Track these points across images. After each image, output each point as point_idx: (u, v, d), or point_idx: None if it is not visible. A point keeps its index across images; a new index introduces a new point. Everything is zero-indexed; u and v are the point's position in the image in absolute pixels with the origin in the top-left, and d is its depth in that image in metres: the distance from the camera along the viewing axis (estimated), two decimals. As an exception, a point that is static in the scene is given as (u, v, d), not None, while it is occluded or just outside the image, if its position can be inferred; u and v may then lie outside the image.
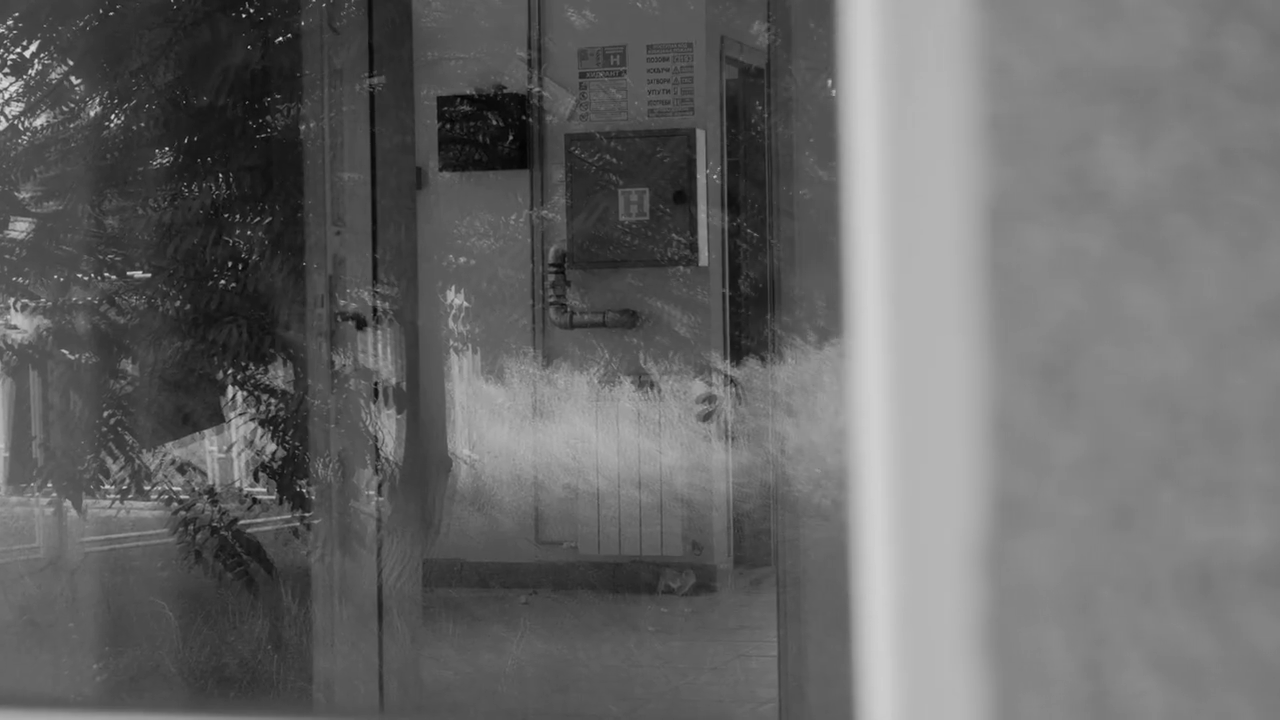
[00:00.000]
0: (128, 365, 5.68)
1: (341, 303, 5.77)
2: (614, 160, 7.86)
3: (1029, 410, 1.16)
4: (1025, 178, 1.16)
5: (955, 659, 1.13)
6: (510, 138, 7.95)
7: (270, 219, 6.10)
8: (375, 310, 5.58)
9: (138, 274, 5.87)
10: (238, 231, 6.14)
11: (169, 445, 5.77)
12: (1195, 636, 1.13)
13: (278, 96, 6.27)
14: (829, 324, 5.05)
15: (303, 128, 6.00)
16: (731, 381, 7.85)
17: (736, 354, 7.99)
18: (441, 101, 7.89)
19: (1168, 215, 1.16)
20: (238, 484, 6.23)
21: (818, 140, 5.21)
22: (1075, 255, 1.16)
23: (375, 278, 5.59)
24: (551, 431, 7.85)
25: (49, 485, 5.75)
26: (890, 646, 1.14)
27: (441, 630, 6.70)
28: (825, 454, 5.54)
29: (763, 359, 8.07)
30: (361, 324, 5.52)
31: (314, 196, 5.50)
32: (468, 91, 7.95)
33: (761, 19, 8.11)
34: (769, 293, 8.35)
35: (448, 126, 7.90)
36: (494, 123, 7.94)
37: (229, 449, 6.16)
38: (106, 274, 5.76)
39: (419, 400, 5.91)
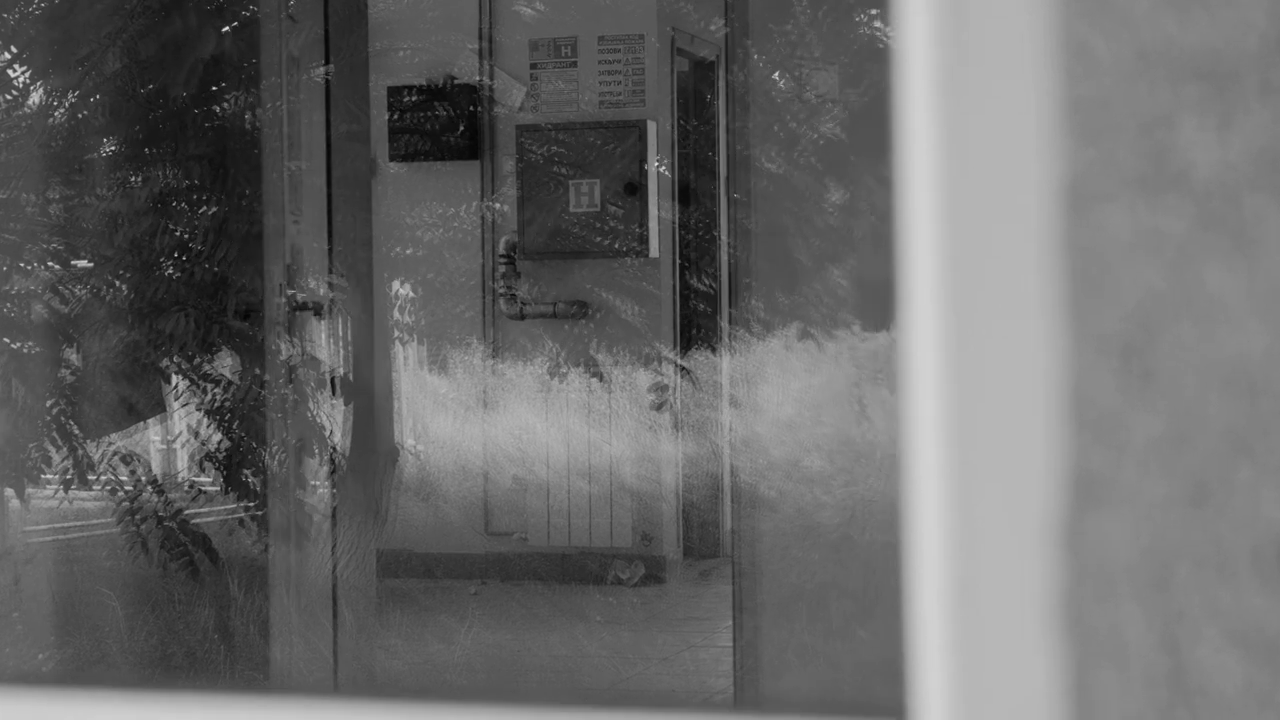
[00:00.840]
0: (71, 354, 5.66)
1: (292, 292, 5.76)
2: (565, 151, 7.86)
3: (1108, 389, 1.16)
4: (1105, 159, 1.16)
5: (1032, 636, 1.13)
6: (461, 128, 7.94)
7: (219, 208, 6.08)
8: (332, 300, 5.57)
9: (82, 263, 5.85)
10: (186, 220, 6.13)
11: (112, 435, 5.75)
12: (1272, 612, 1.14)
13: (225, 85, 6.26)
14: (783, 315, 5.06)
15: (257, 114, 6.00)
16: (683, 371, 7.86)
17: (687, 345, 8.00)
18: (391, 92, 7.88)
19: (1247, 196, 1.16)
20: (182, 475, 6.22)
21: (773, 132, 5.22)
22: (1155, 235, 1.17)
23: (330, 268, 5.58)
24: (501, 422, 7.85)
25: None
26: (956, 625, 1.13)
27: (390, 620, 6.70)
28: (773, 445, 5.55)
29: (714, 349, 8.09)
30: (320, 313, 5.51)
31: (271, 185, 5.49)
32: (418, 82, 7.93)
33: (714, 11, 8.12)
34: (723, 284, 8.37)
35: (397, 117, 7.89)
36: (444, 113, 7.93)
37: (175, 438, 6.14)
38: (50, 263, 5.73)
39: (367, 391, 5.91)
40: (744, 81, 5.16)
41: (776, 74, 5.46)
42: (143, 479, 5.74)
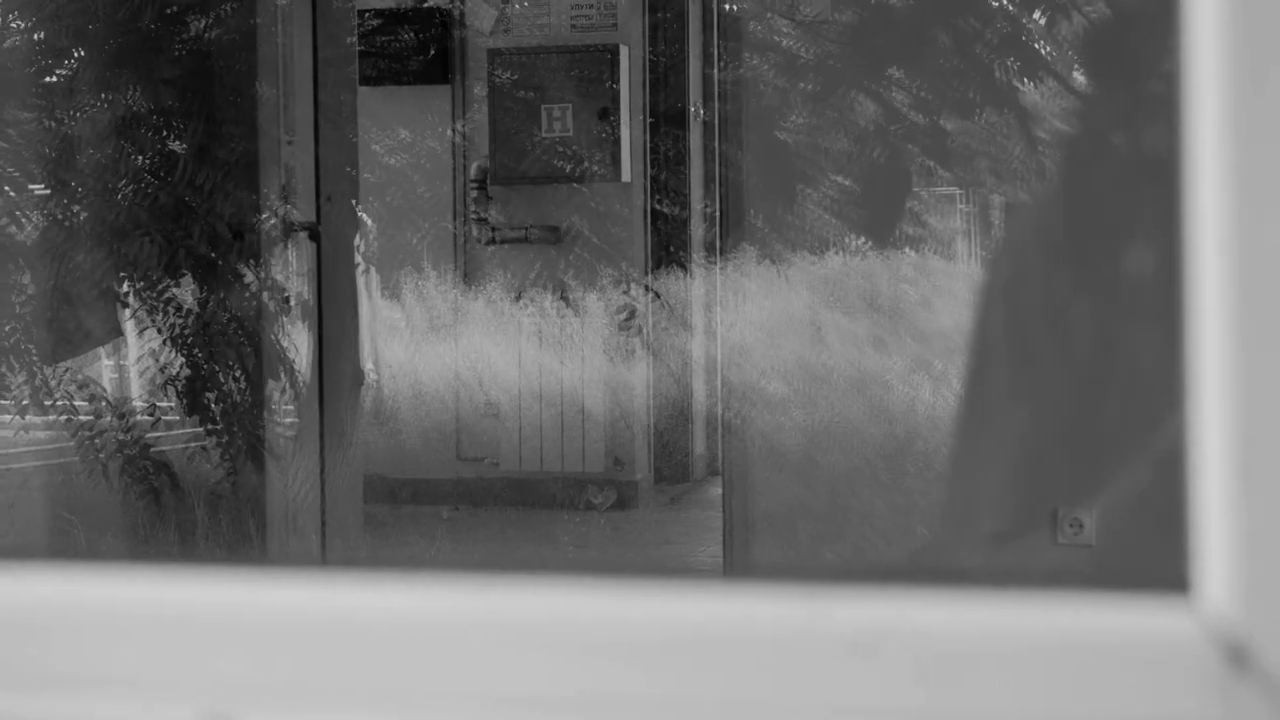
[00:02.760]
0: (26, 280, 5.63)
1: (288, 209, 5.72)
2: (537, 76, 7.82)
3: None
4: None
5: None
6: (431, 52, 7.89)
7: (195, 132, 6.04)
8: (319, 225, 5.54)
9: (40, 188, 5.81)
10: (155, 145, 6.09)
11: (68, 361, 5.73)
12: None
13: (200, 7, 6.21)
14: (764, 241, 5.05)
15: (234, 37, 5.96)
16: (654, 295, 7.84)
17: (658, 269, 7.99)
18: (360, 14, 7.83)
19: None
20: (138, 401, 6.19)
21: (759, 55, 5.19)
22: None
23: (318, 190, 5.55)
24: (472, 348, 7.84)
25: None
26: (1241, 492, 1.09)
27: (362, 546, 6.70)
28: (735, 370, 5.55)
29: (686, 272, 8.07)
30: (315, 235, 5.49)
31: (267, 105, 5.45)
32: (388, 5, 7.89)
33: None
34: (692, 209, 8.34)
35: (366, 40, 7.85)
36: (414, 37, 7.88)
37: (138, 362, 6.12)
38: (7, 189, 5.70)
39: (333, 315, 5.88)
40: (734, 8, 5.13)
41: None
42: (103, 405, 5.72)
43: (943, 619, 1.09)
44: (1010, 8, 4.96)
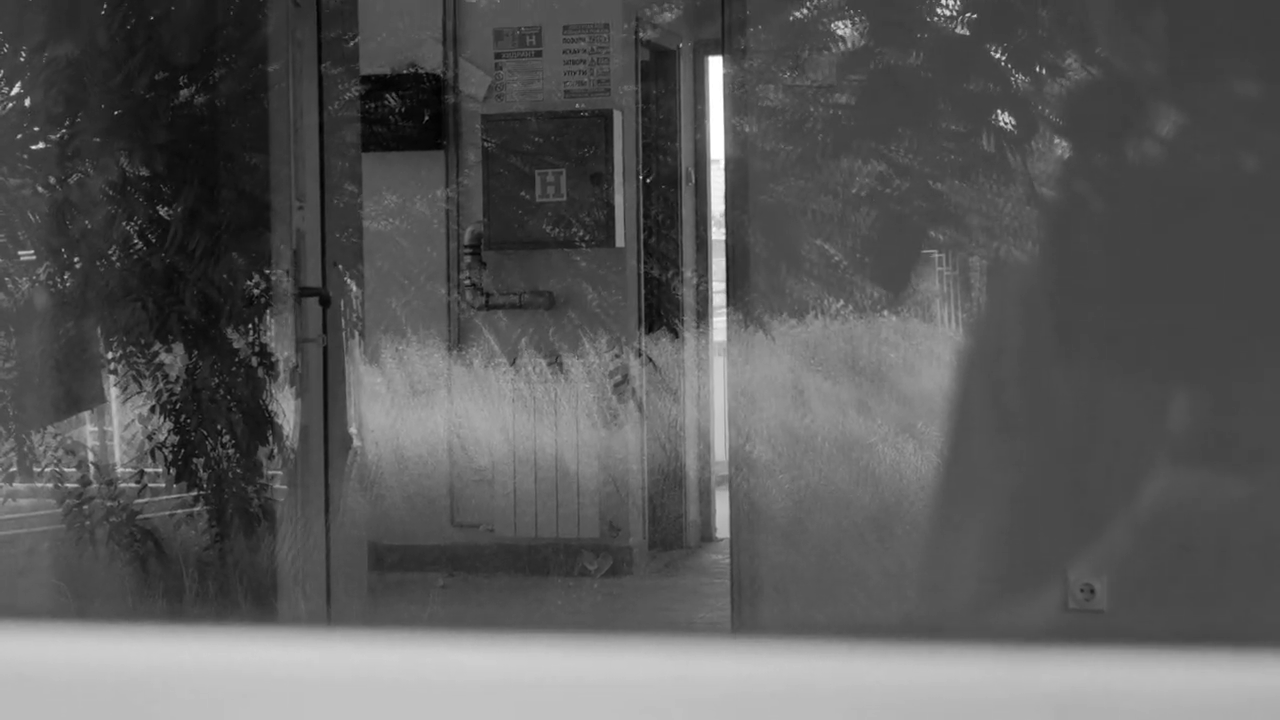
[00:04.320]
0: (14, 345, 5.63)
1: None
2: (530, 141, 7.83)
3: None
4: None
5: None
6: (425, 118, 7.91)
7: (187, 198, 6.05)
8: (325, 287, 5.54)
9: (28, 254, 5.82)
10: (146, 211, 6.10)
11: (59, 426, 5.73)
12: None
13: (196, 73, 6.23)
14: (758, 306, 5.04)
15: (229, 102, 5.97)
16: (648, 360, 7.84)
17: (652, 335, 7.99)
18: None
19: None
20: (122, 469, 6.18)
21: (765, 121, 5.20)
22: None
23: (324, 255, 5.56)
24: (466, 413, 7.83)
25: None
26: None
27: (352, 614, 6.67)
28: (727, 435, 5.54)
29: (678, 337, 8.06)
30: (326, 301, 5.49)
31: (279, 169, 5.47)
32: (382, 71, 7.91)
33: (676, 2, 8.10)
34: (686, 274, 8.34)
35: (350, 105, 7.85)
36: (409, 103, 7.90)
37: (127, 428, 6.12)
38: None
39: (323, 381, 5.88)
40: (738, 73, 5.15)
41: (765, 61, 5.44)
42: (90, 472, 5.71)
43: (977, 677, 1.08)
44: (1008, 66, 4.98)
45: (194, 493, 5.71)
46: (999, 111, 4.96)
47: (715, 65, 8.57)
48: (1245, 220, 4.28)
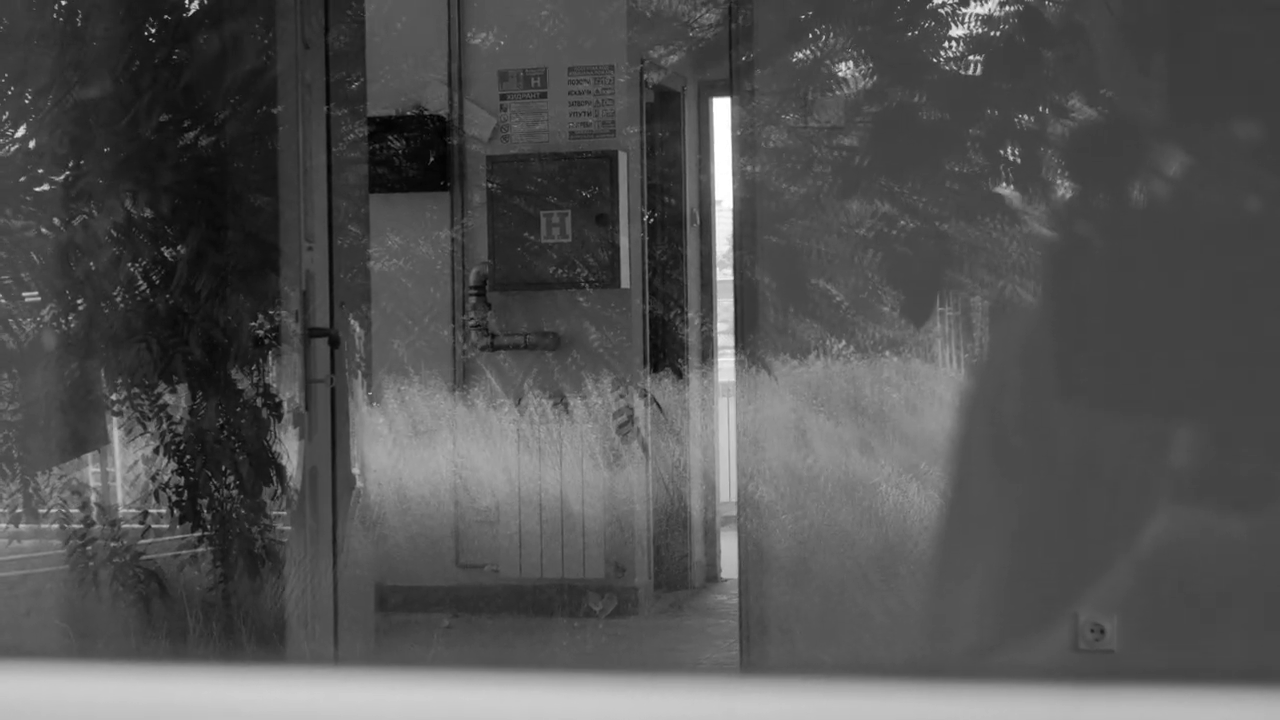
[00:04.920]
0: (21, 386, 5.64)
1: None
2: (536, 182, 7.85)
3: None
4: None
5: None
6: (430, 159, 7.93)
7: (193, 240, 6.06)
8: (334, 328, 5.54)
9: (33, 295, 5.83)
10: (150, 252, 6.11)
11: (62, 467, 5.73)
12: None
13: (201, 115, 6.25)
14: (766, 346, 5.04)
15: (235, 145, 5.98)
16: (653, 401, 7.84)
17: (656, 375, 7.99)
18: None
19: None
20: (124, 510, 6.18)
21: (770, 163, 5.21)
22: None
23: (332, 295, 5.56)
24: (470, 453, 7.83)
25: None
26: None
27: (355, 652, 6.67)
28: (732, 474, 5.53)
29: (682, 378, 8.06)
30: (335, 342, 5.49)
31: (288, 210, 5.47)
32: (387, 113, 7.93)
33: (680, 43, 8.12)
34: (690, 315, 8.34)
35: (357, 146, 7.87)
36: (413, 144, 7.92)
37: (131, 468, 6.12)
38: None
39: (328, 421, 5.88)
40: (746, 113, 5.16)
41: (768, 99, 5.45)
42: (94, 513, 5.71)
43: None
44: (1012, 107, 4.99)
45: (198, 533, 5.71)
46: (1004, 152, 4.96)
47: (720, 107, 8.59)
48: (1246, 261, 4.29)
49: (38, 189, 5.96)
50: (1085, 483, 4.33)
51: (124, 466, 6.24)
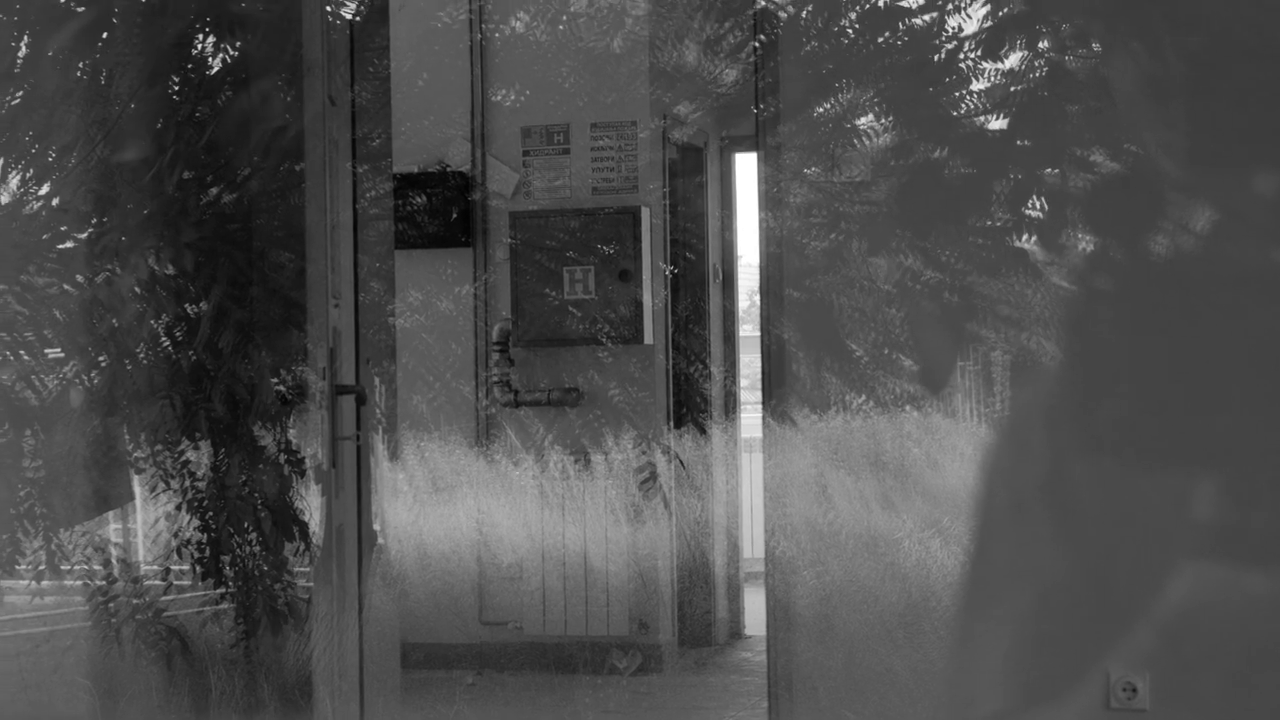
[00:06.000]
0: (44, 443, 5.64)
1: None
2: (559, 238, 7.85)
3: None
4: None
5: None
6: (453, 215, 7.93)
7: (216, 296, 6.07)
8: (360, 384, 5.54)
9: (55, 352, 5.84)
10: (173, 308, 6.12)
11: (86, 525, 5.73)
12: None
13: (218, 173, 6.27)
14: (793, 401, 5.03)
15: (259, 201, 6.00)
16: (675, 457, 7.82)
17: (679, 431, 7.97)
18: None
19: None
20: (147, 566, 6.18)
21: (797, 219, 5.21)
22: None
23: (358, 352, 5.56)
24: (492, 509, 7.81)
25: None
26: None
27: (379, 710, 6.64)
28: (755, 530, 5.51)
29: (705, 433, 8.04)
30: (362, 399, 5.49)
31: (314, 267, 5.47)
32: (409, 169, 7.94)
33: (702, 98, 8.13)
34: (714, 372, 8.33)
35: (380, 203, 7.88)
36: (436, 200, 7.93)
37: (154, 525, 6.12)
38: (22, 353, 5.72)
39: (350, 478, 5.87)
40: (773, 170, 5.16)
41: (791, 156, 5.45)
42: (116, 570, 5.71)
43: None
44: (1036, 161, 4.98)
45: (220, 590, 5.70)
46: (1027, 208, 4.96)
47: (743, 162, 8.59)
48: (1270, 314, 4.27)
49: (61, 246, 5.97)
50: (1112, 537, 4.30)
51: (146, 523, 6.23)
